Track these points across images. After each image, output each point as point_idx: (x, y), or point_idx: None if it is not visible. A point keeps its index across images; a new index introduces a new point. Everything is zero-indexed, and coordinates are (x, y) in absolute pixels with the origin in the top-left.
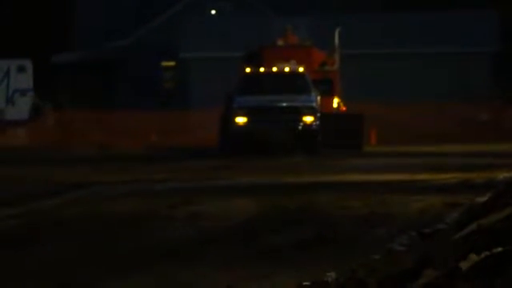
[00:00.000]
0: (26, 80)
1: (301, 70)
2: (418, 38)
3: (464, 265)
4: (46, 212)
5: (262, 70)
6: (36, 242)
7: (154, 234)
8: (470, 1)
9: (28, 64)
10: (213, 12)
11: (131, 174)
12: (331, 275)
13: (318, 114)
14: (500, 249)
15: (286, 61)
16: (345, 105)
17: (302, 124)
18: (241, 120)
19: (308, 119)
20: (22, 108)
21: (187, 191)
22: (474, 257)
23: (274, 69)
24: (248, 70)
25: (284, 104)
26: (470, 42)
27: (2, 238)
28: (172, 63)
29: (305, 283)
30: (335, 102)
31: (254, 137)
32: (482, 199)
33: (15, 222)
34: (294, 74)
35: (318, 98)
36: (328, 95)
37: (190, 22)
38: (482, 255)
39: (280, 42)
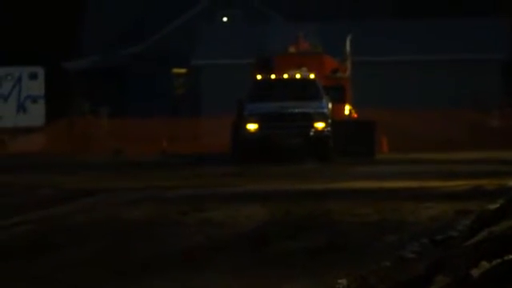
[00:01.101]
0: (37, 87)
1: (312, 76)
2: (428, 45)
3: (475, 272)
4: (58, 218)
5: (273, 76)
6: (48, 248)
7: (165, 241)
8: (481, 8)
9: (40, 71)
10: (224, 19)
11: (143, 180)
12: (342, 282)
13: (330, 121)
14: (511, 256)
15: (298, 68)
16: (356, 112)
17: (313, 130)
18: (252, 127)
19: (319, 125)
20: (34, 114)
21: (198, 198)
22: (485, 264)
23: (285, 76)
24: (259, 77)
25: (295, 110)
26: (480, 49)
27: (15, 243)
28: (183, 70)
29: None
30: (347, 109)
31: (266, 143)
32: (493, 206)
33: (27, 228)
34: (305, 80)
35: (330, 104)
36: (339, 102)
37: (202, 29)
38: (494, 262)
39: (292, 49)
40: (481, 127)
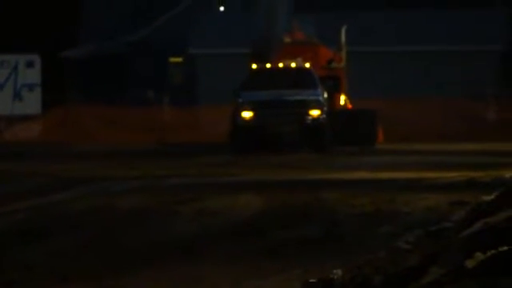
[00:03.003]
0: (34, 75)
1: (307, 65)
2: (426, 35)
3: (470, 263)
4: (53, 206)
5: (268, 65)
6: (43, 236)
7: (160, 230)
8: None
9: (36, 59)
10: (221, 8)
11: (139, 169)
12: (337, 272)
13: (325, 108)
14: (506, 247)
15: (293, 57)
16: (351, 102)
17: (308, 117)
18: (247, 114)
19: (315, 113)
20: (30, 103)
21: (194, 187)
22: (479, 255)
23: (280, 65)
24: (254, 66)
25: (290, 98)
26: (479, 40)
27: (9, 231)
28: (180, 59)
29: (311, 280)
30: (342, 99)
31: (261, 131)
32: (489, 198)
33: (23, 216)
34: (300, 69)
35: (325, 93)
36: (335, 93)
37: (199, 18)
38: (488, 254)
39: (286, 39)
40: (478, 118)
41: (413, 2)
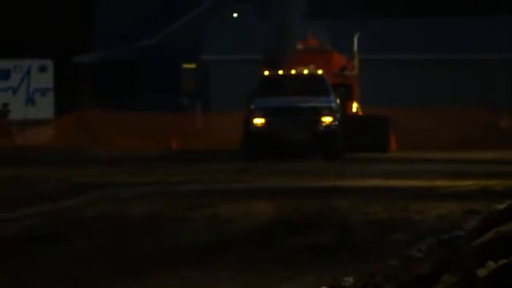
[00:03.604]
0: (46, 80)
1: (320, 72)
2: (439, 43)
3: (482, 272)
4: (66, 211)
5: (280, 72)
6: (55, 241)
7: (172, 236)
8: (493, 7)
9: (49, 64)
10: (235, 15)
11: (151, 175)
12: (349, 280)
13: (338, 115)
14: None
15: (306, 64)
16: (363, 110)
17: (320, 124)
18: (259, 121)
19: (327, 119)
20: (43, 107)
21: (207, 194)
22: (491, 264)
23: (293, 71)
24: (267, 72)
25: (302, 105)
26: (493, 48)
27: (22, 236)
28: (193, 65)
29: (322, 287)
30: (354, 106)
31: (273, 138)
32: (502, 206)
33: (35, 221)
34: (312, 76)
35: (338, 100)
36: (347, 100)
37: (212, 24)
38: (500, 262)
39: (300, 46)
40: (491, 127)
41: (427, 10)
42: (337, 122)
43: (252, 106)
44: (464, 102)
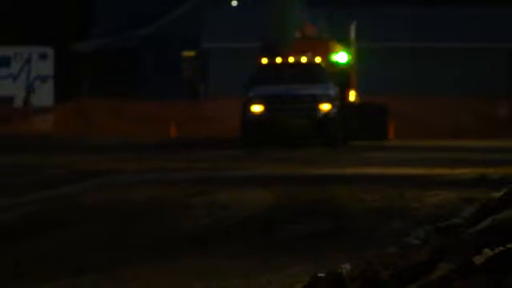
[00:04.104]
0: (46, 67)
1: (318, 60)
2: (435, 33)
3: (478, 259)
4: (65, 198)
5: (278, 60)
6: (55, 228)
7: (172, 223)
8: None
9: (49, 51)
10: (234, 3)
11: (150, 162)
12: (346, 267)
13: (336, 103)
14: None
15: (303, 52)
16: (360, 98)
17: (319, 112)
18: (257, 109)
19: (325, 107)
20: (43, 95)
21: (205, 181)
22: (488, 252)
23: (291, 59)
24: (264, 60)
25: (300, 92)
26: (488, 38)
27: (22, 223)
28: (193, 53)
29: (319, 274)
30: (352, 94)
31: (271, 125)
32: (498, 194)
33: (35, 208)
34: (310, 64)
35: (336, 88)
36: (345, 88)
37: (212, 12)
38: (497, 250)
39: (297, 34)
40: (488, 116)
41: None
42: (335, 110)
43: (250, 94)
44: (462, 91)
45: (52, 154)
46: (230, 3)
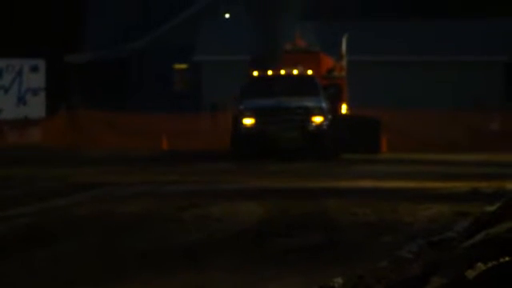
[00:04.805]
0: (38, 79)
1: (309, 72)
2: (429, 46)
3: (471, 273)
4: (56, 211)
5: (269, 72)
6: (45, 241)
7: (163, 236)
8: (483, 10)
9: (41, 64)
10: (227, 16)
11: (142, 175)
12: (338, 281)
13: (328, 116)
14: (507, 258)
15: (294, 65)
16: (351, 112)
17: (310, 124)
18: (248, 121)
19: (317, 119)
20: (34, 107)
21: (196, 194)
22: (481, 266)
23: (282, 71)
24: (255, 73)
25: (292, 104)
26: (482, 51)
27: (13, 236)
28: (185, 66)
29: None
30: (343, 108)
31: (262, 138)
32: (491, 208)
33: (26, 220)
34: (302, 76)
35: (327, 101)
36: (336, 101)
37: (204, 25)
38: (489, 264)
39: (288, 47)
40: (481, 129)
41: (415, 11)
42: (327, 122)
43: (241, 107)
44: (454, 104)
45: (44, 166)
46: (222, 15)
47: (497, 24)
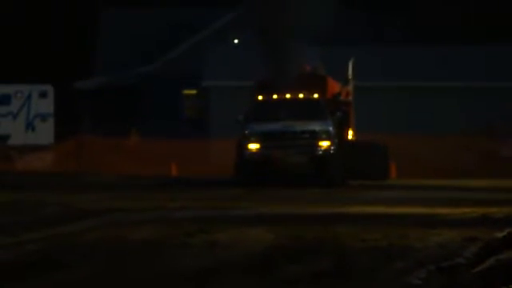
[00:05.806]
0: (47, 105)
1: (316, 96)
2: (440, 71)
3: None
4: (65, 237)
5: (275, 96)
6: (54, 267)
7: (171, 262)
8: (493, 35)
9: (50, 89)
10: (235, 41)
11: (150, 201)
12: None
13: (336, 140)
14: None
15: (300, 90)
16: (359, 137)
17: (317, 148)
18: (253, 146)
19: (324, 144)
20: (43, 133)
21: (205, 220)
22: None
23: (288, 95)
24: (260, 97)
25: (298, 128)
26: (494, 76)
27: (21, 262)
28: (193, 91)
29: None
30: (350, 133)
31: (269, 163)
32: (501, 234)
33: (34, 247)
34: (308, 100)
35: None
36: (343, 126)
37: (213, 50)
38: None
39: (295, 71)
40: (492, 155)
41: (424, 37)
42: (334, 147)
43: (246, 131)
44: (464, 130)
45: (53, 191)
46: (231, 41)
47: (502, 49)
